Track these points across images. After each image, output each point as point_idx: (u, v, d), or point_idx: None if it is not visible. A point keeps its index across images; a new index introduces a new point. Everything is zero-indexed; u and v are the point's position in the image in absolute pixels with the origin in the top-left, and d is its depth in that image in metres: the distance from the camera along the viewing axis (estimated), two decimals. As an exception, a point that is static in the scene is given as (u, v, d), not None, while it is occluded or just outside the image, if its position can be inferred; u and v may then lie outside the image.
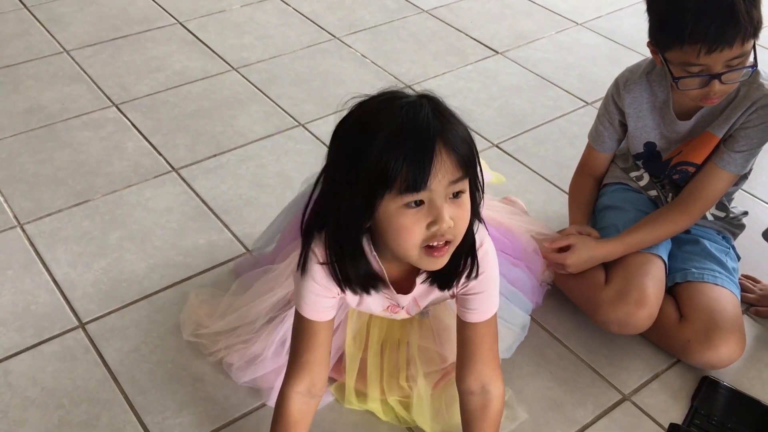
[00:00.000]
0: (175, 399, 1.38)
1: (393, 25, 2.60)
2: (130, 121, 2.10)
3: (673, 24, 1.30)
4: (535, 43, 2.53)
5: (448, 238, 1.01)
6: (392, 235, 1.01)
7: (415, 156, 0.94)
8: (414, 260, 1.04)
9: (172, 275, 1.63)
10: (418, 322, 1.35)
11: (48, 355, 1.46)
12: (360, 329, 1.34)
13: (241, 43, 2.48)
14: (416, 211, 0.98)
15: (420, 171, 0.94)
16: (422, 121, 0.96)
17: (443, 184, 0.97)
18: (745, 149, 1.42)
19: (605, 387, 1.42)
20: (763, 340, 1.52)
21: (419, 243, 1.00)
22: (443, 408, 1.32)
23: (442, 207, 0.98)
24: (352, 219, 1.02)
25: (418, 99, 0.99)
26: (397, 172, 0.94)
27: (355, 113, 1.02)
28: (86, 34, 2.49)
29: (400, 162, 0.94)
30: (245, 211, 1.80)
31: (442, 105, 1.01)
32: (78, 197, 1.83)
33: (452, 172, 0.97)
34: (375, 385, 1.34)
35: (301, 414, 1.17)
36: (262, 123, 2.11)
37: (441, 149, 0.95)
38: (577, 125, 2.13)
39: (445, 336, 1.34)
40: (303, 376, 1.16)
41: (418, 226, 0.99)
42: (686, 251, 1.53)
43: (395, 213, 0.98)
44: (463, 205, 1.01)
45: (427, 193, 0.97)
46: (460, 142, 0.98)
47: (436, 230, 0.98)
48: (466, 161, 0.98)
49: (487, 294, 1.16)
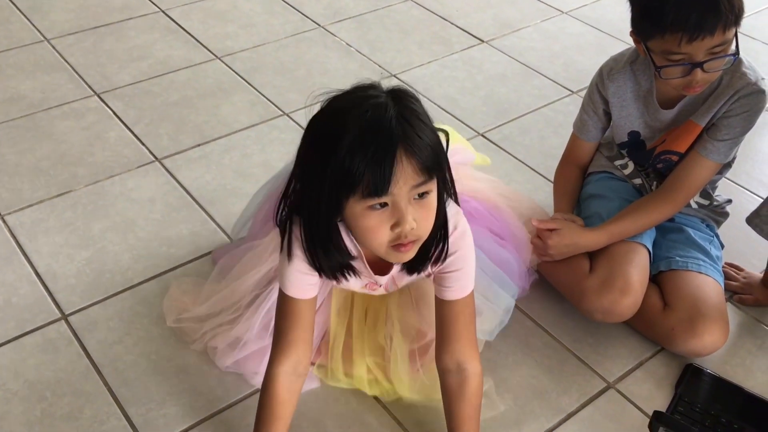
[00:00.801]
0: (159, 390, 1.37)
1: (378, 13, 2.59)
2: (112, 111, 2.08)
3: (655, 13, 1.31)
4: (520, 32, 2.52)
5: (412, 238, 1.05)
6: (359, 234, 1.08)
7: (376, 163, 0.97)
8: (382, 255, 1.09)
9: (156, 266, 1.61)
10: (398, 291, 1.36)
11: (30, 347, 1.44)
12: (344, 301, 1.37)
13: (224, 31, 2.46)
14: (380, 212, 1.02)
15: (381, 177, 0.97)
16: (385, 127, 0.98)
17: (405, 188, 1.00)
18: (728, 138, 1.42)
19: (590, 375, 1.43)
20: (747, 327, 1.53)
21: (385, 242, 1.05)
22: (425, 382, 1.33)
23: (406, 209, 1.01)
24: (321, 215, 1.07)
25: (386, 100, 1.01)
26: (359, 178, 0.98)
27: (326, 111, 1.05)
28: (67, 23, 2.45)
29: (362, 168, 0.97)
30: (229, 201, 1.79)
31: (410, 106, 1.02)
32: (60, 188, 1.81)
33: (414, 177, 1.00)
34: (361, 362, 1.35)
35: (289, 393, 1.19)
36: (246, 112, 2.09)
37: (402, 156, 0.98)
38: (563, 114, 2.13)
39: (424, 304, 1.35)
40: (289, 354, 1.18)
41: (382, 227, 1.03)
42: (670, 239, 1.54)
43: (360, 214, 1.02)
44: (428, 205, 1.05)
45: (389, 196, 1.00)
46: (423, 147, 1.00)
47: (399, 231, 1.02)
48: (428, 166, 1.01)
49: (462, 272, 1.19)
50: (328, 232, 1.10)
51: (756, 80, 1.39)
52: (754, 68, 1.41)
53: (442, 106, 2.14)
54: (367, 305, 1.40)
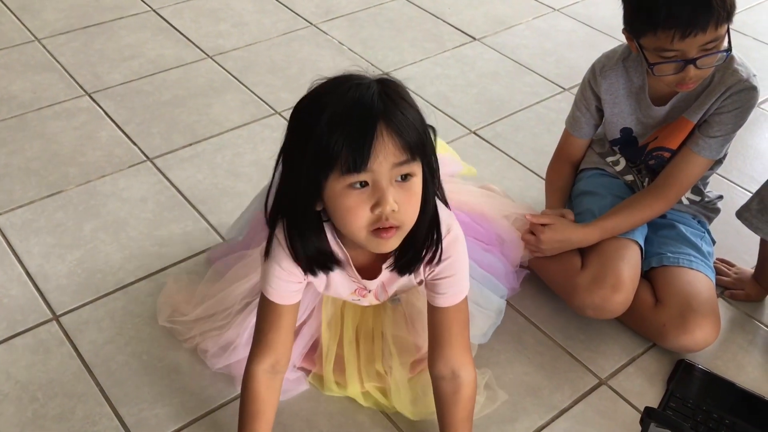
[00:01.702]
0: (151, 390, 1.36)
1: (370, 11, 2.59)
2: (103, 110, 2.07)
3: (647, 10, 1.31)
4: (512, 29, 2.52)
5: (393, 223, 1.00)
6: (339, 217, 1.02)
7: (355, 136, 0.94)
8: (363, 242, 1.03)
9: (148, 265, 1.61)
10: (391, 309, 1.36)
11: (21, 348, 1.44)
12: (335, 315, 1.35)
13: (216, 30, 2.45)
14: (360, 192, 0.98)
15: (359, 151, 0.94)
16: (366, 101, 0.95)
17: (386, 166, 0.96)
18: (720, 134, 1.42)
19: (582, 371, 1.43)
20: (738, 323, 1.54)
21: (365, 225, 1.00)
22: (420, 395, 1.32)
23: (387, 189, 0.97)
24: (301, 198, 1.03)
25: (370, 81, 0.99)
26: (338, 153, 0.94)
27: (308, 94, 1.02)
28: (58, 22, 2.44)
29: (340, 142, 0.94)
30: (221, 201, 1.78)
31: (394, 89, 1.00)
32: (51, 188, 1.81)
33: (395, 155, 0.96)
34: (353, 376, 1.34)
35: (268, 390, 1.19)
36: (238, 111, 2.09)
37: (383, 130, 0.95)
38: (555, 111, 2.13)
39: (418, 322, 1.34)
40: (268, 354, 1.18)
41: (362, 208, 0.98)
42: (662, 236, 1.54)
43: (340, 193, 0.98)
44: (411, 189, 1.00)
45: (369, 174, 0.96)
46: (406, 125, 0.96)
47: (380, 213, 0.98)
48: (412, 145, 0.97)
49: (455, 278, 1.16)
50: (307, 217, 1.06)
51: (748, 77, 1.39)
52: (745, 65, 1.41)
53: (434, 103, 2.14)
54: (359, 323, 1.37)
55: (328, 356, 1.34)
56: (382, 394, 1.34)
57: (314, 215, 1.06)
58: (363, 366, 1.35)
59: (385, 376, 1.34)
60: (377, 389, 1.34)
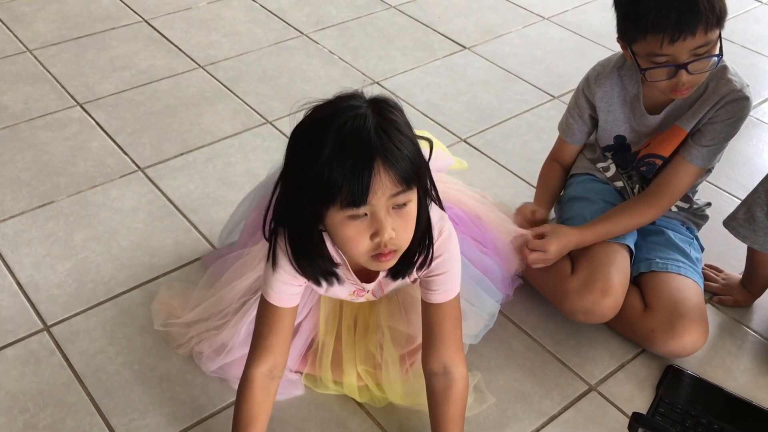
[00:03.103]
0: (142, 400, 1.37)
1: (361, 21, 2.60)
2: (94, 121, 2.08)
3: (636, 15, 1.32)
4: (502, 38, 2.54)
5: (391, 248, 1.06)
6: (340, 244, 1.09)
7: (354, 174, 0.99)
8: (363, 264, 1.11)
9: (139, 276, 1.61)
10: (386, 298, 1.37)
11: (12, 358, 1.44)
12: (333, 309, 1.38)
13: (207, 40, 2.46)
14: (360, 222, 1.04)
15: (358, 189, 0.99)
16: (364, 138, 1.00)
17: (383, 199, 1.01)
18: (712, 144, 1.43)
19: (571, 378, 1.44)
20: (726, 328, 1.55)
21: (365, 252, 1.06)
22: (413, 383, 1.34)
23: (385, 219, 1.03)
24: (304, 223, 1.09)
25: (366, 111, 1.02)
26: (338, 189, 1.00)
27: (307, 121, 1.06)
28: (49, 33, 2.45)
29: (340, 180, 0.99)
30: (212, 210, 1.79)
31: (389, 117, 1.03)
32: (42, 198, 1.81)
33: (391, 188, 1.01)
34: (350, 363, 1.36)
35: (265, 394, 1.21)
36: (230, 121, 2.10)
37: (380, 168, 1.00)
38: (545, 119, 2.14)
39: (412, 311, 1.36)
40: (266, 357, 1.20)
41: (362, 237, 1.04)
42: (651, 241, 1.55)
43: (340, 224, 1.04)
44: (407, 216, 1.07)
45: (368, 207, 1.02)
46: (401, 158, 1.01)
47: (378, 241, 1.04)
48: (407, 177, 1.02)
49: (448, 275, 1.20)
50: (310, 239, 1.12)
51: (741, 87, 1.40)
52: (739, 75, 1.42)
53: (424, 112, 2.15)
54: (356, 314, 1.40)
55: (325, 352, 1.36)
56: (376, 386, 1.36)
57: (315, 232, 1.12)
58: (358, 353, 1.37)
59: (378, 362, 1.36)
60: (371, 376, 1.36)
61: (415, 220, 1.08)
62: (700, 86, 1.41)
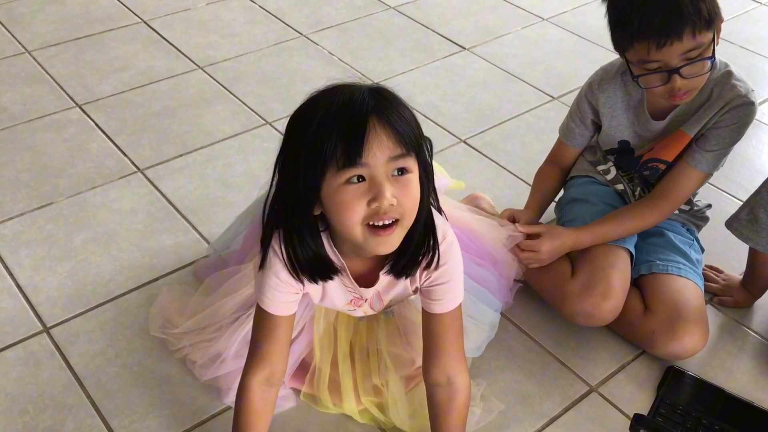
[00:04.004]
0: (142, 402, 1.36)
1: (360, 21, 2.60)
2: (93, 122, 2.07)
3: (622, 23, 1.33)
4: (501, 39, 2.54)
5: (393, 216, 0.99)
6: (336, 214, 1.01)
7: (347, 131, 0.95)
8: (360, 240, 1.02)
9: (138, 277, 1.61)
10: (384, 322, 1.35)
11: (12, 360, 1.43)
12: (326, 330, 1.34)
13: (206, 41, 2.46)
14: (357, 187, 0.98)
15: (353, 145, 0.95)
16: (356, 100, 0.97)
17: (381, 159, 0.96)
18: (717, 149, 1.43)
19: (572, 379, 1.44)
20: (726, 329, 1.55)
21: (361, 220, 0.99)
22: (418, 408, 1.31)
23: (383, 183, 0.97)
24: (299, 202, 1.02)
25: (362, 86, 1.00)
26: (332, 149, 0.95)
27: (302, 105, 1.03)
28: (48, 34, 2.45)
29: (333, 139, 0.95)
30: (212, 211, 1.78)
31: (385, 91, 1.01)
32: (41, 200, 1.80)
33: (390, 148, 0.96)
34: (349, 392, 1.33)
35: (263, 402, 1.19)
36: (229, 122, 2.09)
37: (375, 124, 0.96)
38: (544, 120, 2.14)
39: (412, 335, 1.33)
40: (263, 366, 1.17)
41: (358, 202, 0.98)
42: (651, 243, 1.55)
43: (336, 190, 0.98)
44: (409, 184, 1.00)
45: (366, 169, 0.97)
46: (399, 119, 0.97)
47: (377, 207, 0.97)
48: (406, 138, 0.98)
49: (451, 284, 1.16)
50: (307, 221, 1.05)
51: (746, 92, 1.40)
52: (744, 80, 1.41)
53: (424, 113, 2.15)
54: (353, 339, 1.37)
55: (322, 377, 1.33)
56: (379, 409, 1.33)
57: (312, 221, 1.06)
58: (359, 382, 1.34)
59: (382, 390, 1.33)
60: (374, 404, 1.34)
61: (418, 194, 1.01)
62: (705, 91, 1.41)
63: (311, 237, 1.08)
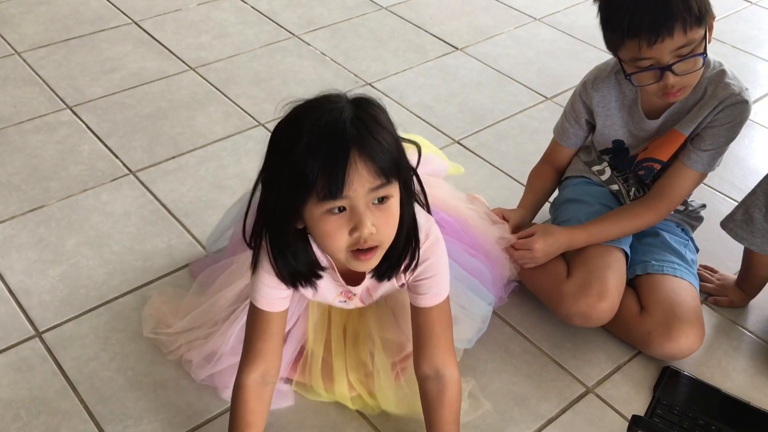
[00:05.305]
0: (137, 407, 1.35)
1: (352, 22, 2.59)
2: (85, 124, 2.06)
3: (613, 22, 1.33)
4: (494, 39, 2.54)
5: (372, 244, 1.03)
6: (319, 238, 1.06)
7: (328, 165, 0.97)
8: (343, 262, 1.07)
9: (131, 280, 1.60)
10: (375, 306, 1.36)
11: (3, 366, 1.42)
12: (321, 317, 1.36)
13: (198, 42, 2.44)
14: (338, 217, 1.01)
15: (334, 180, 0.97)
16: (339, 128, 0.98)
17: (361, 191, 0.99)
18: (712, 148, 1.43)
19: (569, 380, 1.43)
20: (722, 329, 1.55)
21: (344, 248, 1.03)
22: (408, 392, 1.33)
23: (364, 213, 1.00)
24: (282, 220, 1.06)
25: (344, 104, 1.00)
26: (314, 180, 0.97)
27: (285, 118, 1.04)
28: (38, 35, 2.43)
29: (315, 171, 0.97)
30: (205, 213, 1.77)
31: (368, 111, 1.01)
32: (32, 203, 1.79)
33: (370, 180, 0.99)
34: (341, 373, 1.35)
35: (258, 401, 1.20)
36: (222, 123, 2.08)
37: (356, 158, 0.97)
38: (537, 120, 2.14)
39: (402, 317, 1.34)
40: (258, 363, 1.19)
41: (340, 232, 1.01)
42: (646, 243, 1.55)
43: (319, 218, 1.01)
44: (388, 211, 1.03)
45: (346, 200, 0.99)
46: (379, 150, 0.99)
47: (358, 236, 1.01)
48: (386, 169, 0.99)
49: (436, 279, 1.18)
50: (287, 236, 1.08)
51: (740, 91, 1.40)
52: (737, 79, 1.41)
53: (417, 113, 2.15)
54: (345, 322, 1.38)
55: (314, 361, 1.34)
56: (368, 394, 1.34)
57: (296, 231, 1.09)
58: (350, 364, 1.36)
59: (373, 373, 1.34)
60: (364, 388, 1.34)
61: (397, 217, 1.05)
62: (699, 90, 1.41)
63: (296, 243, 1.10)
